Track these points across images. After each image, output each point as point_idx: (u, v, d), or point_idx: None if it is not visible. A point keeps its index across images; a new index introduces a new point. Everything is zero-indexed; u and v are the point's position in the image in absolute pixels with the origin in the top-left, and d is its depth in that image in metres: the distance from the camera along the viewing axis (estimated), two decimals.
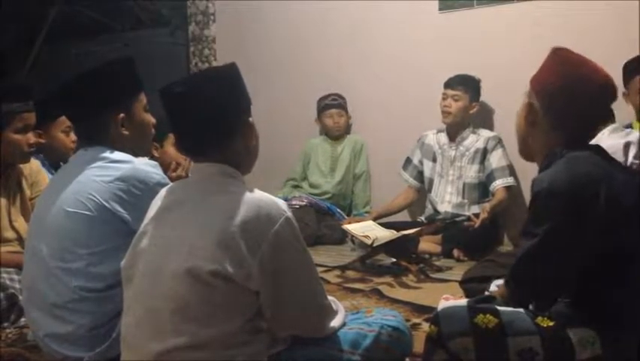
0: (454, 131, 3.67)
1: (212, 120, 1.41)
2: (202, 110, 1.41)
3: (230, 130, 1.43)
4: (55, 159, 2.86)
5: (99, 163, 1.76)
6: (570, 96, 1.52)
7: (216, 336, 1.32)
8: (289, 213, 1.39)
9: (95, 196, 1.71)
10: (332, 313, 1.53)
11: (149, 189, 1.72)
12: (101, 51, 5.08)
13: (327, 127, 4.23)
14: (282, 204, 1.40)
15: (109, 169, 1.75)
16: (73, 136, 2.83)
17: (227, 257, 1.30)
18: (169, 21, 4.94)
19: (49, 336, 1.75)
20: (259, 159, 1.58)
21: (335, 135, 4.23)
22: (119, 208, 1.72)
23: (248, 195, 1.38)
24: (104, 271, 1.71)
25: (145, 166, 1.77)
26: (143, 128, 1.90)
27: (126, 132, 1.84)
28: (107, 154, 1.78)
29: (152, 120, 1.93)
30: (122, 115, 1.83)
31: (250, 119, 1.48)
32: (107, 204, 1.71)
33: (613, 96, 1.55)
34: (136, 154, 1.83)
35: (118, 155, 1.78)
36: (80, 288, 1.70)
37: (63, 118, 2.74)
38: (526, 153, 1.67)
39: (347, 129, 4.26)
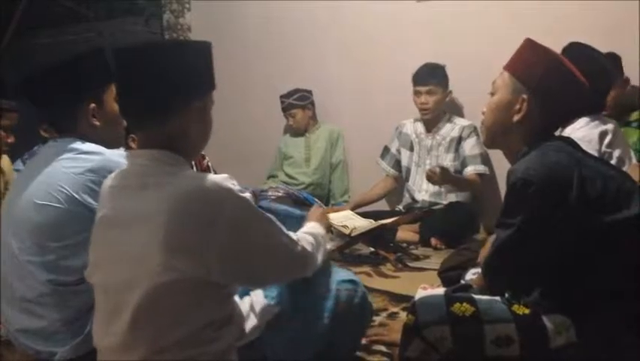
0: (431, 122, 3.69)
1: (150, 93, 1.31)
2: (143, 80, 1.31)
3: (166, 108, 1.32)
4: None
5: (69, 155, 1.73)
6: (568, 90, 1.54)
7: (181, 339, 1.26)
8: (234, 189, 1.27)
9: (65, 188, 1.68)
10: (309, 254, 1.44)
11: None
12: (74, 40, 4.99)
13: (289, 125, 4.29)
14: (227, 180, 1.28)
15: (79, 160, 1.71)
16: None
17: (180, 258, 1.22)
18: (143, 9, 4.87)
19: (21, 331, 1.72)
20: (231, 149, 1.54)
21: (298, 132, 4.25)
22: (90, 200, 1.68)
23: (187, 183, 1.27)
24: (75, 264, 1.68)
25: (116, 157, 1.74)
26: (115, 119, 1.87)
27: (97, 123, 1.81)
28: (77, 145, 1.75)
29: None
30: (92, 105, 1.80)
31: (199, 103, 1.36)
32: (77, 196, 1.68)
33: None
34: (108, 145, 1.80)
35: (88, 146, 1.75)
36: (51, 282, 1.67)
37: None
38: (496, 143, 1.66)
39: (313, 120, 4.25)
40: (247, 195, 1.29)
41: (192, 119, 1.35)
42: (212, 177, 1.29)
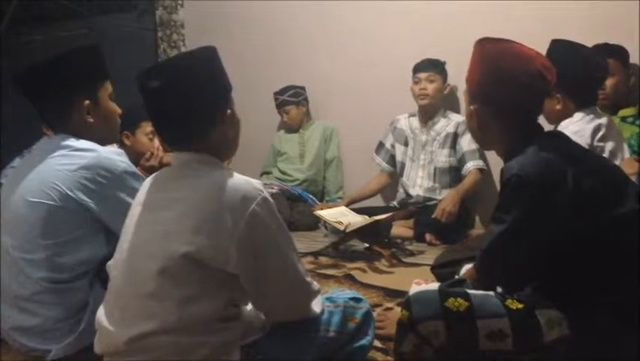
0: (426, 115, 3.69)
1: (186, 114, 1.40)
2: (176, 104, 1.39)
3: (205, 122, 1.42)
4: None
5: (63, 152, 1.72)
6: (509, 92, 1.54)
7: (188, 322, 1.32)
8: (265, 193, 1.39)
9: (58, 185, 1.68)
10: (315, 292, 1.51)
11: (114, 178, 1.70)
12: (66, 37, 4.97)
13: (283, 122, 4.30)
14: (258, 184, 1.40)
15: (73, 158, 1.71)
16: None
17: (203, 241, 1.30)
18: (136, 5, 4.85)
19: (15, 329, 1.72)
20: None
21: (292, 129, 4.26)
22: (83, 197, 1.68)
23: (223, 178, 1.37)
24: (69, 262, 1.68)
25: (110, 154, 1.74)
26: (109, 117, 1.87)
27: (91, 120, 1.81)
28: (71, 142, 1.74)
29: (118, 110, 1.90)
30: (87, 102, 1.80)
31: (229, 110, 1.46)
32: (71, 194, 1.68)
33: (552, 79, 1.56)
34: (102, 142, 1.79)
35: (82, 143, 1.74)
36: (44, 279, 1.67)
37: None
38: (484, 146, 1.74)
39: (307, 117, 4.26)
40: (275, 189, 1.37)
41: (227, 125, 1.45)
42: (247, 178, 1.40)
